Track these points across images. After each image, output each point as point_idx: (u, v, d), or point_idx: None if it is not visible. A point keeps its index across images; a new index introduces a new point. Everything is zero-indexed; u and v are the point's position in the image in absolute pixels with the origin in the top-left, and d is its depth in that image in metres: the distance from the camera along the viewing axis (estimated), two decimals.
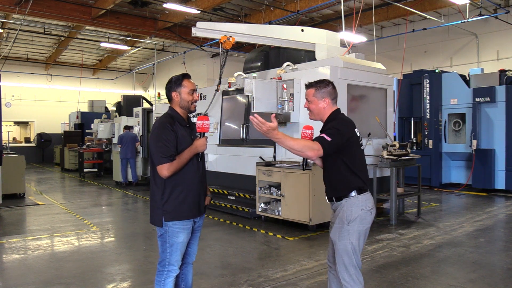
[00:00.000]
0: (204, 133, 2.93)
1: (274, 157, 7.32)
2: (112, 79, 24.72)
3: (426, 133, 10.76)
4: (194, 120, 3.03)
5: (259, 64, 8.85)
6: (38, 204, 9.04)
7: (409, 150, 7.28)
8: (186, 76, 2.99)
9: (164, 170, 2.76)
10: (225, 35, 7.17)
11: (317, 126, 2.87)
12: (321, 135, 2.67)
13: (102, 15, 14.69)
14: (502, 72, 10.10)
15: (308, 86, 2.93)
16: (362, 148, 2.94)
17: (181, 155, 2.81)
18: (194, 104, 2.99)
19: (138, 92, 24.86)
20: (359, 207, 2.77)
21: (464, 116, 10.44)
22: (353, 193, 2.78)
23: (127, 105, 15.34)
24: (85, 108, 21.20)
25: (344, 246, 2.75)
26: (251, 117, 2.54)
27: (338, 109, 2.92)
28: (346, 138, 2.72)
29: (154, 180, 2.90)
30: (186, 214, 2.88)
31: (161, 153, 2.76)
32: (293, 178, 6.37)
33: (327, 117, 2.88)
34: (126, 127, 12.38)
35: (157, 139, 2.80)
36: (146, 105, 14.75)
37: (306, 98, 2.93)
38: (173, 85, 2.95)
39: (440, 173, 10.71)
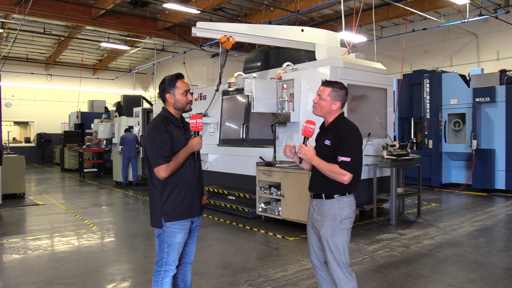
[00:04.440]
0: (198, 132, 2.90)
1: (274, 157, 7.31)
2: (112, 79, 24.71)
3: (426, 133, 10.75)
4: (187, 120, 3.00)
5: (259, 64, 8.85)
6: (38, 204, 9.04)
7: (409, 150, 7.28)
8: (179, 76, 2.94)
9: (162, 171, 2.74)
10: (225, 35, 7.17)
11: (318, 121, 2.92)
12: (341, 159, 2.73)
13: (102, 15, 14.70)
14: (502, 72, 10.10)
15: (326, 84, 2.93)
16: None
17: (177, 156, 2.79)
18: (189, 104, 2.95)
19: (138, 92, 24.86)
20: (348, 205, 2.86)
21: (464, 116, 10.44)
22: (347, 193, 2.85)
23: (127, 105, 15.37)
24: (85, 108, 21.20)
25: (337, 243, 2.80)
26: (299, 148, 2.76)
27: (343, 113, 2.97)
28: (361, 153, 2.86)
29: (151, 182, 2.88)
30: (184, 214, 2.88)
31: (157, 155, 2.73)
32: (293, 178, 6.37)
33: (332, 119, 2.92)
34: (127, 130, 12.43)
35: (152, 141, 2.77)
36: (146, 105, 14.76)
37: (319, 94, 2.92)
38: (166, 86, 2.90)
39: (440, 173, 10.71)
